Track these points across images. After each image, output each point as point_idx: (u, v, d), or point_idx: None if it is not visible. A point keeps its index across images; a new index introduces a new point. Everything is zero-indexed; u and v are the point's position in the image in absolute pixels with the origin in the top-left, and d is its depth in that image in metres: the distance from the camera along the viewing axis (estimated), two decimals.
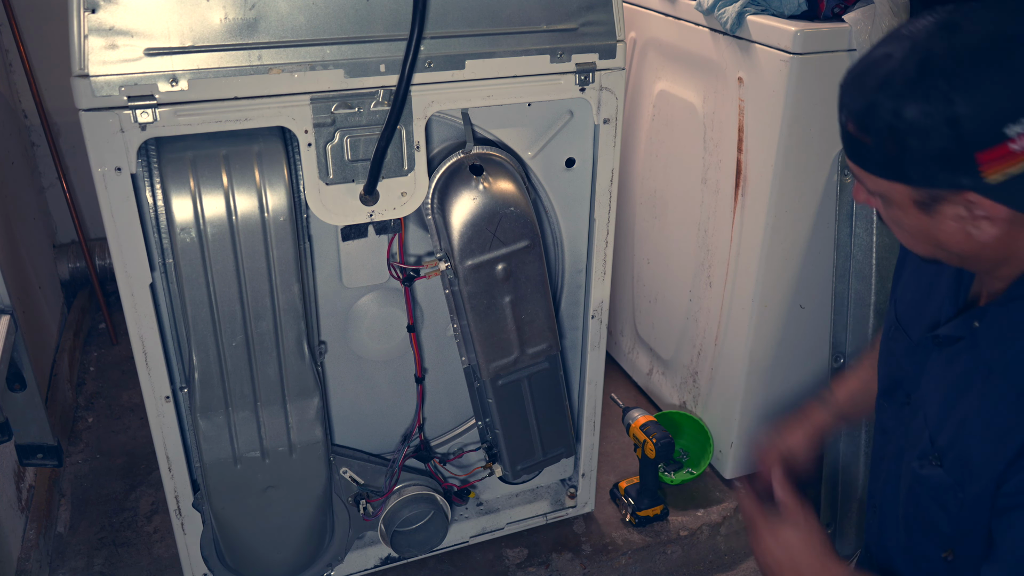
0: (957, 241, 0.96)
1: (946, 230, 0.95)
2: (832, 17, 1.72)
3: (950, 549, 1.08)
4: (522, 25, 1.41)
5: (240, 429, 1.46)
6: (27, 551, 1.77)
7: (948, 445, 1.05)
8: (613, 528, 1.99)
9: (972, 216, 0.92)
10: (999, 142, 0.85)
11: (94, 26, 1.20)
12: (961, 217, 0.93)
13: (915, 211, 0.96)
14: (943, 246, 0.98)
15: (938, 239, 0.97)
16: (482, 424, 1.73)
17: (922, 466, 1.09)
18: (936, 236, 0.97)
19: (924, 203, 0.94)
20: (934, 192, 0.92)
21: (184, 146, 1.32)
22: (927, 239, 0.99)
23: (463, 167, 1.49)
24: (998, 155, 0.86)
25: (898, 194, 0.96)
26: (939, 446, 1.07)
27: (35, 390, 1.63)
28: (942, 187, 0.91)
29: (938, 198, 0.93)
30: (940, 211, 0.94)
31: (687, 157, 2.04)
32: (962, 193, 0.90)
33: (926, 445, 1.09)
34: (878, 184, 0.97)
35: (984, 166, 0.87)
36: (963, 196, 0.90)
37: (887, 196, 0.98)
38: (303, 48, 1.29)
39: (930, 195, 0.93)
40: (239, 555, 1.59)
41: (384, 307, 1.65)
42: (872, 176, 0.97)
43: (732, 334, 2.00)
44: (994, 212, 0.90)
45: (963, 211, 0.92)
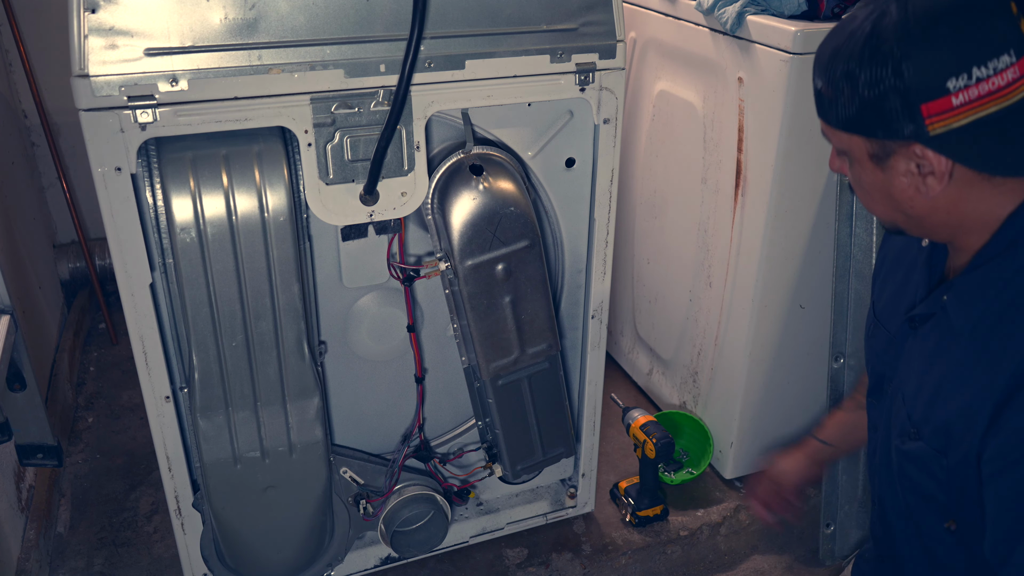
0: (908, 197, 1.02)
1: (898, 186, 1.01)
2: (832, 17, 1.72)
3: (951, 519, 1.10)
4: (522, 25, 1.41)
5: (240, 429, 1.46)
6: (27, 551, 1.77)
7: (923, 418, 1.08)
8: (613, 528, 1.99)
9: (919, 172, 0.98)
10: (942, 95, 0.92)
11: (94, 26, 1.20)
12: (910, 172, 0.99)
13: (871, 166, 1.02)
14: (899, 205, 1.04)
15: (892, 195, 1.03)
16: (482, 424, 1.73)
17: (903, 442, 1.12)
18: (891, 192, 1.03)
19: (878, 156, 1.00)
20: (885, 144, 0.98)
21: (184, 146, 1.32)
22: (884, 196, 1.05)
23: (463, 167, 1.49)
24: (941, 108, 0.92)
25: (857, 148, 1.02)
26: (915, 420, 1.10)
27: (35, 390, 1.64)
28: (891, 138, 0.97)
29: (889, 151, 0.99)
30: (892, 165, 1.00)
31: (687, 157, 2.04)
32: (910, 145, 0.96)
33: (904, 422, 1.12)
34: (840, 139, 1.04)
35: (928, 118, 0.93)
36: (910, 149, 0.96)
37: (849, 153, 1.04)
38: (303, 48, 1.29)
39: (882, 147, 0.99)
40: (239, 555, 1.59)
41: (384, 307, 1.65)
42: (835, 131, 1.04)
43: (732, 334, 2.00)
44: (938, 166, 0.96)
45: (912, 167, 0.98)
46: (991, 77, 0.91)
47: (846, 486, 1.90)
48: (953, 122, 0.93)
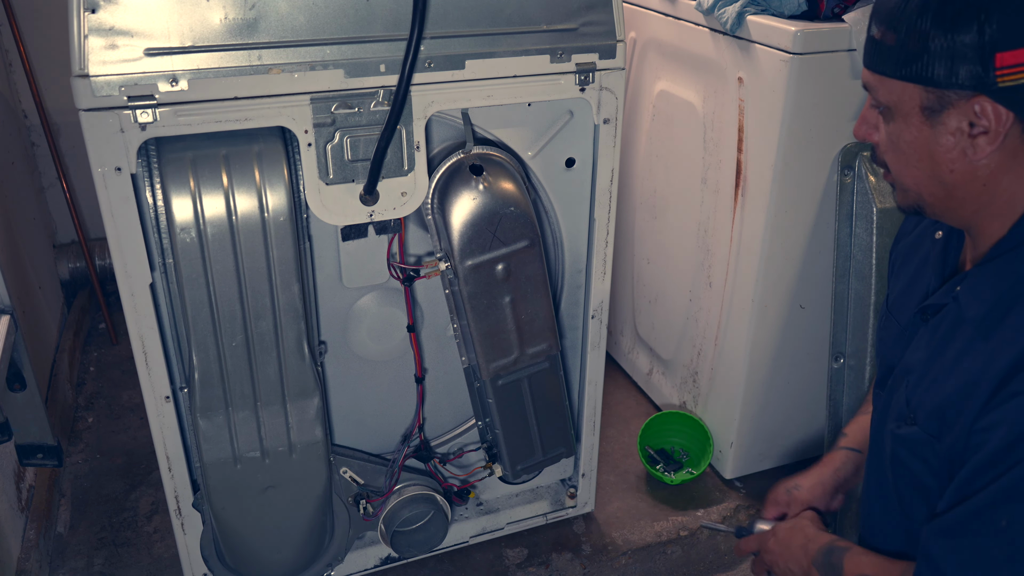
0: (951, 159, 0.99)
1: (944, 145, 0.98)
2: (832, 17, 1.72)
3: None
4: (522, 25, 1.41)
5: (240, 429, 1.46)
6: (27, 551, 1.77)
7: (920, 403, 1.08)
8: (613, 528, 1.99)
9: (970, 133, 0.96)
10: (1020, 46, 0.89)
11: (94, 26, 1.20)
12: (960, 131, 0.96)
13: (919, 120, 0.98)
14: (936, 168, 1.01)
15: (933, 156, 1.00)
16: (482, 424, 1.73)
17: (898, 427, 1.12)
18: (932, 152, 0.99)
19: (932, 109, 0.97)
20: (945, 95, 0.95)
21: (184, 146, 1.32)
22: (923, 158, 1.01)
23: (463, 167, 1.49)
24: (1016, 60, 0.90)
25: (909, 100, 0.98)
26: (913, 406, 1.09)
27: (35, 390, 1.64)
28: (955, 87, 0.94)
29: (946, 103, 0.96)
30: (943, 121, 0.97)
31: (687, 157, 2.04)
32: (971, 99, 0.94)
33: (903, 408, 1.12)
34: (891, 90, 1.00)
35: (1000, 70, 0.91)
36: (971, 103, 0.94)
37: (896, 106, 1.00)
38: (303, 48, 1.29)
39: (940, 99, 0.96)
40: (239, 555, 1.59)
41: (384, 307, 1.65)
42: (887, 81, 1.00)
43: (732, 334, 2.00)
44: (996, 122, 0.94)
45: (964, 124, 0.96)
46: None
47: None
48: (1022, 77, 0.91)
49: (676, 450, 2.17)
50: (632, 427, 2.34)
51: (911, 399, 1.11)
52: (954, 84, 0.94)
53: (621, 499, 2.08)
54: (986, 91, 0.93)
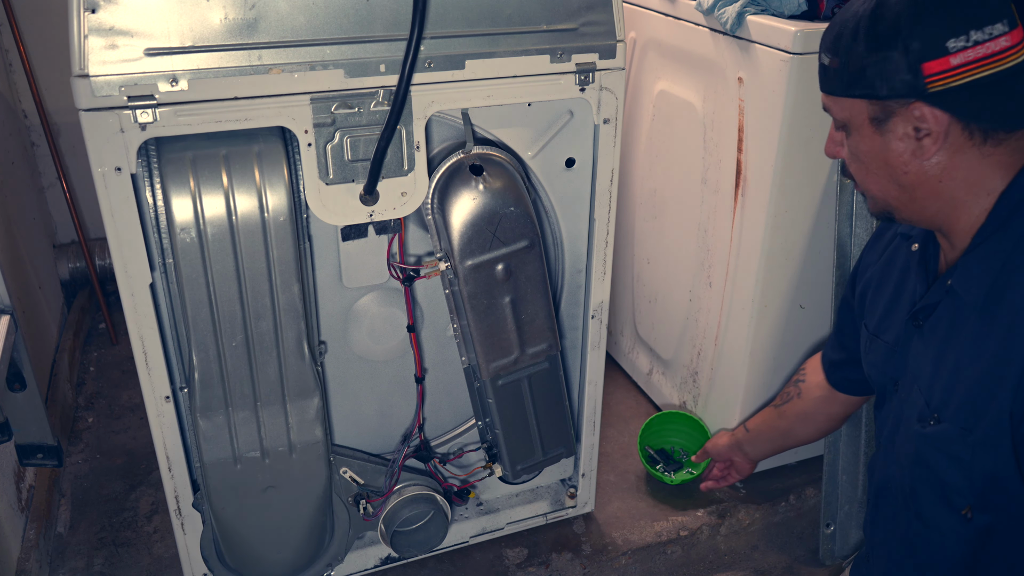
0: (904, 162, 1.08)
1: (895, 150, 1.08)
2: (832, 17, 1.72)
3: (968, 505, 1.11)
4: (522, 25, 1.41)
5: (240, 429, 1.46)
6: (27, 551, 1.77)
7: (943, 401, 1.10)
8: (613, 528, 1.99)
9: (916, 136, 1.06)
10: (942, 55, 1.01)
11: (94, 26, 1.20)
12: (908, 136, 1.06)
13: (870, 131, 1.09)
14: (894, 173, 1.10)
15: (888, 162, 1.09)
16: (482, 424, 1.73)
17: (923, 427, 1.13)
18: (887, 159, 1.09)
19: (878, 119, 1.08)
20: (887, 105, 1.06)
21: (184, 146, 1.32)
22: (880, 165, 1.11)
23: (463, 167, 1.49)
24: (941, 68, 1.01)
25: (858, 114, 1.10)
26: (934, 405, 1.11)
27: (35, 390, 1.64)
28: (893, 97, 1.05)
29: (890, 112, 1.06)
30: (891, 128, 1.07)
31: (687, 157, 2.04)
32: (909, 105, 1.04)
33: (923, 409, 1.13)
34: (843, 108, 1.12)
35: (928, 77, 1.02)
36: (910, 109, 1.04)
37: (850, 122, 1.12)
38: (303, 48, 1.29)
39: (883, 109, 1.07)
40: (239, 555, 1.59)
41: (384, 307, 1.65)
42: (839, 100, 1.12)
43: (732, 334, 2.00)
44: (935, 124, 1.03)
45: (910, 129, 1.06)
46: (987, 42, 1.00)
47: (846, 486, 1.90)
48: (951, 82, 1.01)
49: (676, 450, 2.17)
50: (632, 427, 2.34)
51: (930, 400, 1.11)
52: (892, 95, 1.04)
53: (621, 499, 2.08)
54: (920, 97, 1.03)
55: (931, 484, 1.14)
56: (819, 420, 1.61)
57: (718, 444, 1.84)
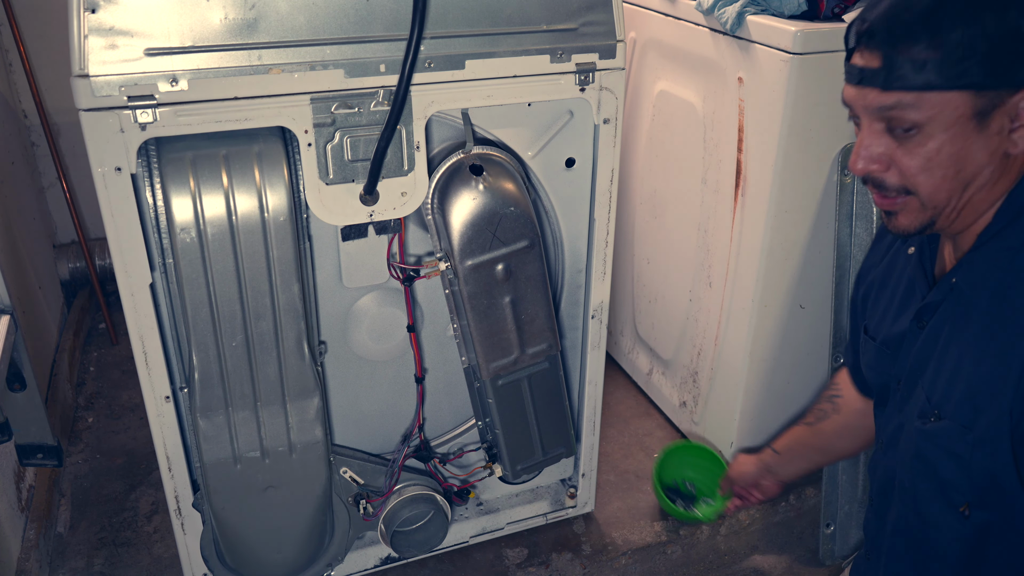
0: (992, 161, 0.98)
1: (989, 147, 0.97)
2: (832, 17, 1.72)
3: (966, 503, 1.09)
4: (522, 25, 1.41)
5: (240, 429, 1.46)
6: (27, 551, 1.77)
7: (944, 396, 1.08)
8: (613, 528, 1.99)
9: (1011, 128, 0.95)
10: None
11: (94, 26, 1.20)
12: (1002, 130, 0.95)
13: (966, 129, 0.95)
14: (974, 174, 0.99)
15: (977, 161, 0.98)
16: (482, 424, 1.73)
17: (924, 424, 1.11)
18: (976, 158, 0.98)
19: (982, 112, 0.94)
20: (997, 95, 0.93)
21: (184, 146, 1.32)
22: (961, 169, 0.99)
23: (463, 167, 1.49)
24: None
25: (952, 111, 0.95)
26: (935, 402, 1.10)
27: (35, 390, 1.63)
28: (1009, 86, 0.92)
29: (996, 103, 0.94)
30: (991, 122, 0.95)
31: (687, 157, 2.04)
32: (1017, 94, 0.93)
33: (924, 405, 1.12)
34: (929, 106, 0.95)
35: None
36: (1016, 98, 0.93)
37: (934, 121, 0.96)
38: (303, 48, 1.29)
39: (991, 100, 0.94)
40: (239, 555, 1.59)
41: (384, 307, 1.65)
42: (929, 95, 0.95)
43: (732, 334, 2.00)
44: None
45: (1007, 122, 0.95)
46: None
47: (846, 486, 1.90)
48: None
49: (683, 483, 2.06)
50: (632, 427, 2.35)
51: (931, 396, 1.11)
52: (1009, 83, 0.92)
53: (621, 499, 2.08)
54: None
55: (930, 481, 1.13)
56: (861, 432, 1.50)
57: (744, 472, 1.67)
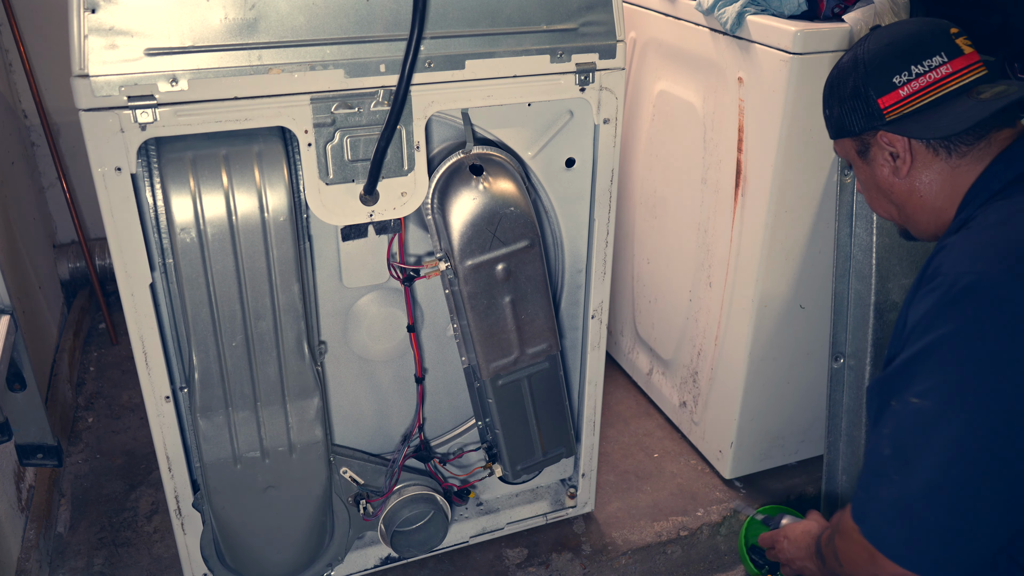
0: (890, 184, 1.32)
1: (880, 175, 1.33)
2: (832, 17, 1.72)
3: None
4: (522, 25, 1.41)
5: (240, 429, 1.46)
6: (27, 551, 1.77)
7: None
8: (613, 528, 1.99)
9: (893, 160, 1.30)
10: (892, 89, 1.27)
11: (94, 26, 1.20)
12: (887, 161, 1.31)
13: (860, 163, 1.37)
14: (887, 194, 1.34)
15: (880, 186, 1.34)
16: (482, 424, 1.73)
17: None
18: (878, 183, 1.34)
19: (861, 151, 1.35)
20: (862, 139, 1.33)
21: (184, 146, 1.32)
22: (876, 189, 1.36)
23: (463, 167, 1.49)
24: (893, 100, 1.27)
25: (850, 151, 1.38)
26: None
27: (35, 390, 1.63)
28: (865, 130, 1.31)
29: (867, 143, 1.33)
30: (873, 157, 1.33)
31: (687, 157, 2.04)
32: (876, 134, 1.30)
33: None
34: (841, 148, 1.41)
35: (885, 109, 1.28)
36: (878, 137, 1.29)
37: (847, 157, 1.40)
38: (303, 48, 1.29)
39: (862, 142, 1.34)
40: (239, 555, 1.59)
41: (384, 307, 1.65)
42: (838, 143, 1.41)
43: (732, 334, 2.00)
44: (900, 146, 1.27)
45: (887, 155, 1.30)
46: (927, 73, 1.25)
47: (846, 486, 1.90)
48: (904, 109, 1.26)
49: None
50: (632, 427, 2.35)
51: None
52: (863, 129, 1.31)
53: (621, 499, 2.08)
54: (883, 126, 1.28)
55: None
56: None
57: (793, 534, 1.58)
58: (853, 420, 1.86)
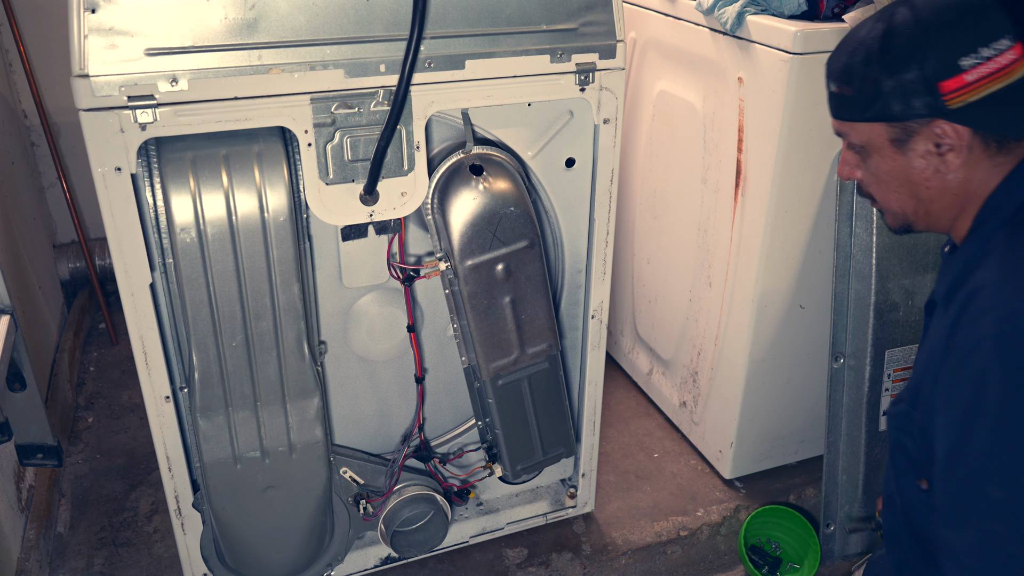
0: (925, 178, 1.13)
1: (917, 167, 1.13)
2: (832, 17, 1.72)
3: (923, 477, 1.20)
4: (522, 25, 1.41)
5: (240, 429, 1.46)
6: (27, 551, 1.77)
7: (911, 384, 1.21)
8: (613, 528, 1.99)
9: (938, 152, 1.11)
10: (957, 72, 1.06)
11: (94, 26, 1.20)
12: (929, 152, 1.11)
13: (891, 152, 1.14)
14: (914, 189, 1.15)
15: (910, 178, 1.14)
16: (482, 424, 1.73)
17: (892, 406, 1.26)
18: (909, 176, 1.14)
19: (899, 140, 1.12)
20: (907, 126, 1.11)
21: (184, 146, 1.32)
22: (901, 182, 1.16)
23: (463, 167, 1.49)
24: (957, 84, 1.06)
25: (877, 137, 1.14)
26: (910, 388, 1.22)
27: (35, 390, 1.63)
28: (914, 117, 1.10)
29: (911, 132, 1.11)
30: (912, 147, 1.12)
31: (687, 157, 2.04)
32: (931, 123, 1.09)
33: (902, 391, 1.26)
34: (860, 133, 1.16)
35: (946, 95, 1.07)
36: (931, 126, 1.09)
37: (868, 144, 1.16)
38: (303, 48, 1.29)
39: (904, 130, 1.11)
40: (239, 555, 1.59)
41: (384, 307, 1.65)
42: (855, 125, 1.16)
43: (732, 334, 2.00)
44: (958, 138, 1.09)
45: (931, 146, 1.11)
46: (996, 56, 1.06)
47: (846, 486, 1.90)
48: (969, 97, 1.06)
49: (768, 543, 2.03)
50: (632, 427, 2.35)
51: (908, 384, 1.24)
52: (912, 115, 1.09)
53: (621, 499, 2.08)
54: (941, 115, 1.08)
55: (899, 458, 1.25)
56: None
57: None
58: (853, 420, 1.86)
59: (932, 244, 1.81)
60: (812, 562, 1.93)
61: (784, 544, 2.02)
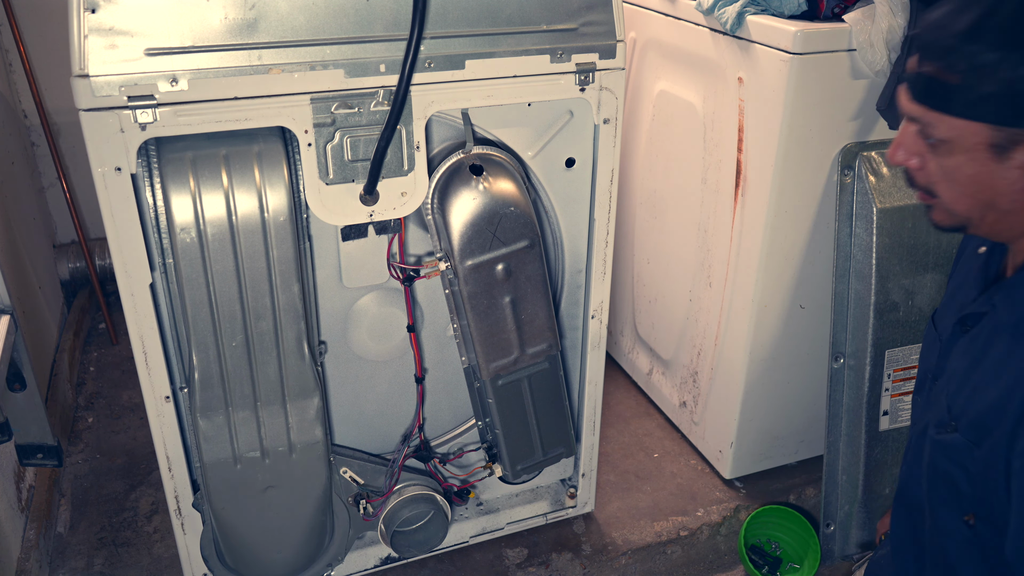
0: (1013, 191, 0.97)
1: (1008, 178, 0.96)
2: (832, 17, 1.72)
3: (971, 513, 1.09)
4: (522, 25, 1.41)
5: (240, 429, 1.46)
6: (27, 551, 1.77)
7: (962, 410, 1.08)
8: (613, 528, 1.99)
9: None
10: None
11: (94, 26, 1.20)
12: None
13: (984, 156, 0.96)
14: (992, 198, 0.99)
15: (996, 188, 0.98)
16: (482, 424, 1.73)
17: (939, 433, 1.12)
18: (993, 185, 0.98)
19: (1000, 146, 0.94)
20: (1018, 133, 0.93)
21: (184, 146, 1.32)
22: (980, 188, 0.99)
23: (463, 167, 1.49)
24: None
25: (972, 137, 0.96)
26: (955, 413, 1.09)
27: (35, 390, 1.63)
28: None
29: (1017, 140, 0.93)
30: (1012, 156, 0.94)
31: (687, 157, 2.04)
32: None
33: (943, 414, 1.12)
34: (951, 127, 0.97)
35: None
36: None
37: (955, 142, 0.97)
38: (303, 48, 1.29)
39: (1010, 136, 0.93)
40: (239, 555, 1.59)
41: (384, 307, 1.65)
42: (948, 118, 0.96)
43: (732, 334, 2.00)
44: None
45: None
46: None
47: (846, 486, 1.90)
48: None
49: (768, 542, 2.04)
50: (632, 427, 2.35)
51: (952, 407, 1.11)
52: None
53: (621, 499, 2.08)
54: None
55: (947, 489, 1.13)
56: None
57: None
58: (853, 420, 1.86)
59: (932, 244, 1.81)
60: (812, 562, 1.94)
61: (784, 544, 2.02)
